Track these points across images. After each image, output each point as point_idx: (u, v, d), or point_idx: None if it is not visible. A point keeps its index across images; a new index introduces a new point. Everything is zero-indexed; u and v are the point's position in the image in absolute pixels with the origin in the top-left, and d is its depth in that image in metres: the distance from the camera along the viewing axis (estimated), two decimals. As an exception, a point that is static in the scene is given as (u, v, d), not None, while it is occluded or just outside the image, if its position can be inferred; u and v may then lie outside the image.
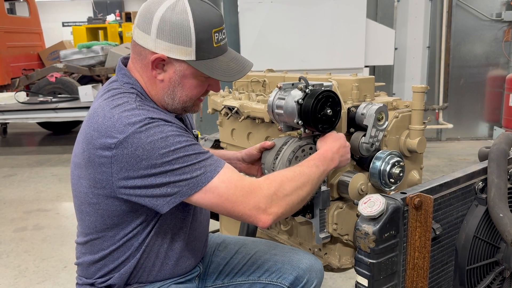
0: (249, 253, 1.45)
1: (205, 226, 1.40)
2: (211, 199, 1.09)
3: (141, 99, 1.17)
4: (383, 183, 1.40)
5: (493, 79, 6.04)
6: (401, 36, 5.83)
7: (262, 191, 1.10)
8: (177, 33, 1.10)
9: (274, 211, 1.10)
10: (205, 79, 1.18)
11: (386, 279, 1.08)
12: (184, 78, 1.16)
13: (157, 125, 1.08)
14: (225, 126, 1.94)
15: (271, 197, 1.10)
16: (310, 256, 1.44)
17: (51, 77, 6.89)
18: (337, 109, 1.30)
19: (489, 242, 1.30)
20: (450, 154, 5.49)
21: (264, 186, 1.11)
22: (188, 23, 1.09)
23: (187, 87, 1.18)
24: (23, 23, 7.99)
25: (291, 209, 1.15)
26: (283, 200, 1.11)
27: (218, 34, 1.13)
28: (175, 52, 1.12)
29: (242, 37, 4.88)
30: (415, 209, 1.07)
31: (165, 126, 1.09)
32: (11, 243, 3.35)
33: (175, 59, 1.13)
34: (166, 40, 1.11)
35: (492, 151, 1.29)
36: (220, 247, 1.49)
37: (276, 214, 1.11)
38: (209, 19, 1.12)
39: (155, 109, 1.17)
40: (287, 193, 1.12)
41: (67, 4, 17.49)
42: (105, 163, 1.09)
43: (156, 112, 1.15)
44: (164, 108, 1.22)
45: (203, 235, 1.39)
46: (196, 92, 1.20)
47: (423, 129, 1.50)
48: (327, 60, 4.81)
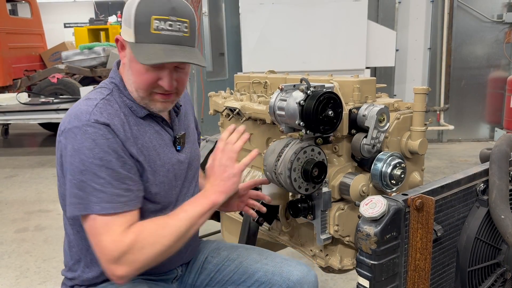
0: (241, 262, 1.43)
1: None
2: (85, 227, 1.14)
3: (119, 91, 1.23)
4: (384, 184, 1.40)
5: (494, 80, 6.03)
6: (402, 38, 5.83)
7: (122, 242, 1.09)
8: (125, 15, 1.17)
9: (125, 271, 1.10)
10: (151, 68, 1.17)
11: (388, 281, 1.08)
12: (131, 61, 1.19)
13: (93, 131, 1.11)
14: (226, 127, 1.94)
15: (120, 259, 1.09)
16: (302, 267, 1.41)
17: (53, 78, 6.90)
18: (339, 111, 1.30)
19: (490, 243, 1.30)
20: (451, 156, 5.49)
21: (128, 239, 1.10)
22: (132, 6, 1.14)
23: (134, 72, 1.20)
24: (25, 24, 8.01)
25: (148, 265, 1.14)
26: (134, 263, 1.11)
27: (159, 22, 1.12)
28: (125, 33, 1.18)
29: (243, 39, 4.88)
30: (416, 211, 1.07)
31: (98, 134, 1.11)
32: (13, 244, 3.36)
33: (125, 40, 1.19)
34: (123, 22, 1.20)
35: (494, 152, 1.29)
36: (213, 254, 1.48)
37: (126, 274, 1.11)
38: (152, 5, 1.13)
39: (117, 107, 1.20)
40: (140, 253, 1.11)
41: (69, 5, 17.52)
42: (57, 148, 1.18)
43: (112, 113, 1.17)
44: (136, 98, 1.24)
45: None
46: (142, 80, 1.19)
47: (425, 130, 1.50)
48: (329, 62, 4.81)
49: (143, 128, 1.24)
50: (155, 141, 1.26)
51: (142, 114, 1.24)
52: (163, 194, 1.27)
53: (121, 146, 1.15)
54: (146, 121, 1.26)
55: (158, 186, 1.25)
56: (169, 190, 1.30)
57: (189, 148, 1.39)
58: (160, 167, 1.26)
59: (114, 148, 1.13)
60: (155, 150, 1.25)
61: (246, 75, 2.00)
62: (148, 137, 1.25)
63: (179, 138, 1.34)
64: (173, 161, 1.30)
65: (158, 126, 1.29)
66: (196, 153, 1.45)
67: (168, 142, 1.30)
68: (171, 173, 1.29)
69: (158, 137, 1.28)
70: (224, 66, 5.71)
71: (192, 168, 1.40)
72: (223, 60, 5.71)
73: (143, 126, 1.25)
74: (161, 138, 1.29)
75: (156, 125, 1.29)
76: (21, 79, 7.40)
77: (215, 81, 5.57)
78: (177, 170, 1.32)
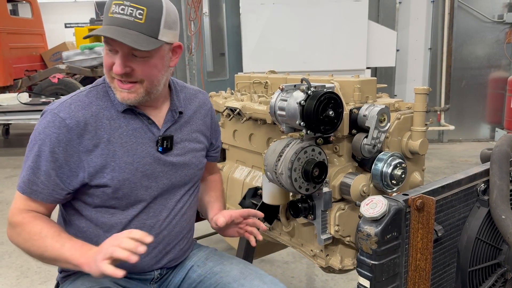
0: (222, 277, 1.39)
1: (164, 235, 1.36)
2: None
3: (108, 87, 1.28)
4: (385, 184, 1.40)
5: (495, 80, 6.03)
6: (403, 38, 5.83)
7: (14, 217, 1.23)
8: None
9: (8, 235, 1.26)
10: (110, 51, 1.20)
11: (388, 281, 1.08)
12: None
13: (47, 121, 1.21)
14: (227, 127, 1.94)
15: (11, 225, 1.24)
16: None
17: (54, 78, 6.91)
18: (339, 111, 1.30)
19: (491, 244, 1.30)
20: (452, 156, 5.49)
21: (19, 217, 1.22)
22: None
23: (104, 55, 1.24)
24: (25, 24, 8.02)
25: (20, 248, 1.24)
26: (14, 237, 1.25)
27: (116, 7, 1.16)
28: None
29: (244, 39, 4.88)
30: (417, 211, 1.07)
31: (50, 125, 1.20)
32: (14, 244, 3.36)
33: None
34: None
35: (494, 153, 1.29)
36: (200, 263, 1.46)
37: (8, 237, 1.25)
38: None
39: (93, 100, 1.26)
40: (18, 235, 1.23)
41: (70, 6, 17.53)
42: None
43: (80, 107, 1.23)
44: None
45: (159, 242, 1.35)
46: (104, 62, 1.23)
47: (425, 130, 1.50)
48: (329, 62, 4.81)
49: (117, 123, 1.26)
50: (127, 138, 1.26)
51: (121, 108, 1.26)
52: (126, 191, 1.27)
53: (66, 144, 1.20)
54: (126, 116, 1.27)
55: (121, 183, 1.25)
56: (137, 189, 1.28)
57: (183, 155, 1.37)
58: (125, 164, 1.25)
59: (55, 144, 1.19)
60: (123, 146, 1.25)
61: (247, 75, 2.00)
62: (120, 133, 1.25)
63: (163, 139, 1.31)
64: (148, 160, 1.29)
65: (139, 124, 1.29)
66: (193, 162, 1.41)
67: (146, 141, 1.29)
68: (140, 172, 1.27)
69: (134, 134, 1.27)
70: (225, 66, 5.71)
71: (183, 174, 1.38)
72: (224, 60, 5.72)
73: (119, 121, 1.26)
74: (140, 136, 1.28)
75: (136, 123, 1.28)
76: (22, 79, 7.41)
77: (215, 81, 5.58)
78: (150, 171, 1.29)
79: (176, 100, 1.37)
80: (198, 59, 5.26)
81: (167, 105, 1.36)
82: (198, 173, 1.45)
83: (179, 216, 1.39)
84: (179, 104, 1.38)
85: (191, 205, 1.45)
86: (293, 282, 2.66)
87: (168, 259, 1.40)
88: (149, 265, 1.36)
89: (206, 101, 1.51)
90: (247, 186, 1.80)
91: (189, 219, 1.45)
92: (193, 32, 5.06)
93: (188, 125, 1.41)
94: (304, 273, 2.76)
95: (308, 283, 2.65)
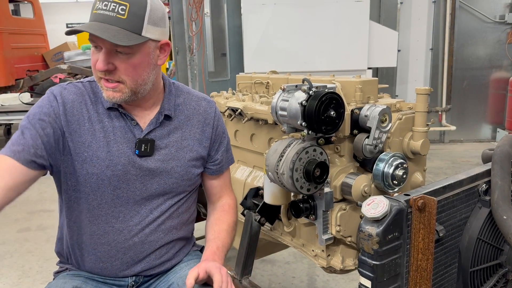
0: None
1: (135, 241, 1.31)
2: None
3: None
4: (386, 185, 1.40)
5: (497, 81, 6.03)
6: (404, 38, 5.82)
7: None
8: None
9: None
10: (94, 49, 1.21)
11: (390, 281, 1.08)
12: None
13: (46, 97, 1.27)
14: (228, 128, 1.94)
15: None
16: None
17: (55, 78, 6.92)
18: (341, 111, 1.30)
19: (492, 244, 1.30)
20: (453, 156, 5.48)
21: None
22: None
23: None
24: (27, 24, 8.03)
25: None
26: None
27: (100, 3, 1.17)
28: None
29: (245, 39, 4.88)
30: (418, 211, 1.07)
31: (43, 101, 1.26)
32: (15, 244, 3.37)
33: None
34: None
35: (496, 153, 1.29)
36: (180, 281, 1.35)
37: None
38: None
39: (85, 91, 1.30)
40: None
41: (71, 6, 17.56)
42: None
43: (74, 92, 1.28)
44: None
45: (129, 248, 1.32)
46: (92, 62, 1.23)
47: (427, 131, 1.50)
48: (330, 62, 4.81)
49: (100, 118, 1.27)
50: (106, 134, 1.26)
51: (107, 105, 1.28)
52: (94, 186, 1.26)
53: (54, 116, 1.23)
54: (111, 114, 1.28)
55: (89, 176, 1.25)
56: (104, 187, 1.26)
57: (165, 162, 1.31)
58: (97, 159, 1.25)
59: (44, 114, 1.22)
60: (100, 141, 1.25)
61: (248, 75, 2.01)
62: (100, 127, 1.26)
63: (141, 142, 1.28)
64: (121, 160, 1.26)
65: (123, 123, 1.28)
66: (177, 171, 1.34)
67: (125, 142, 1.27)
68: (110, 170, 1.25)
69: (113, 132, 1.27)
70: (226, 66, 5.72)
71: (161, 182, 1.32)
72: (225, 60, 5.72)
73: (103, 117, 1.27)
74: (120, 135, 1.27)
75: (120, 121, 1.28)
76: (23, 79, 7.42)
77: (217, 82, 5.58)
78: (122, 171, 1.26)
79: (167, 103, 1.33)
80: (200, 59, 5.26)
81: (158, 107, 1.33)
82: (182, 183, 1.36)
83: (155, 225, 1.33)
84: (169, 107, 1.33)
85: (171, 216, 1.36)
86: (294, 282, 2.66)
87: (142, 267, 1.35)
88: (120, 269, 1.33)
89: (210, 110, 1.43)
90: (248, 186, 1.80)
91: (168, 231, 1.36)
92: (195, 33, 5.06)
93: (178, 131, 1.35)
94: (305, 273, 2.76)
95: (309, 283, 2.65)
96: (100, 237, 1.31)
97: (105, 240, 1.31)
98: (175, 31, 5.55)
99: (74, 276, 1.34)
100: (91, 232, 1.31)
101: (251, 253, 1.83)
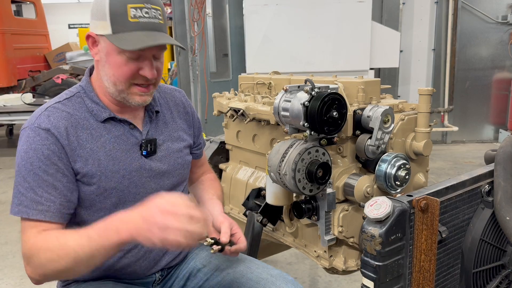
0: (228, 273, 1.37)
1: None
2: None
3: (84, 93, 1.25)
4: (389, 185, 1.39)
5: (499, 81, 6.01)
6: (407, 39, 5.82)
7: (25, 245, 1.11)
8: (97, 9, 1.17)
9: (32, 273, 1.10)
10: (130, 59, 1.17)
11: (392, 282, 1.08)
12: (108, 55, 1.18)
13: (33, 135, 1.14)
14: (230, 128, 1.94)
15: (27, 260, 1.10)
16: (288, 285, 1.29)
17: (57, 78, 6.94)
18: (343, 112, 1.30)
19: (495, 245, 1.30)
20: (455, 157, 5.47)
21: (30, 243, 1.10)
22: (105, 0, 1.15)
23: (112, 65, 1.18)
24: (29, 25, 8.05)
25: (54, 276, 1.12)
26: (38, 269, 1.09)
27: (136, 10, 1.14)
28: (98, 28, 1.17)
29: (247, 40, 4.89)
30: (421, 212, 1.07)
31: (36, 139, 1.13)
32: (17, 244, 3.37)
33: (99, 35, 1.17)
34: (93, 18, 1.18)
35: (499, 154, 1.29)
36: (205, 262, 1.43)
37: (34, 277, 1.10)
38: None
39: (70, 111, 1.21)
40: (40, 262, 1.07)
41: (73, 6, 17.58)
42: None
43: (59, 117, 1.18)
44: (109, 95, 1.24)
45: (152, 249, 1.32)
46: (122, 72, 1.18)
47: (429, 131, 1.50)
48: (332, 63, 4.81)
49: (98, 132, 1.22)
50: (111, 146, 1.23)
51: (102, 118, 1.23)
52: (114, 200, 1.24)
53: (58, 153, 1.14)
54: (106, 125, 1.24)
55: (108, 192, 1.22)
56: (124, 197, 1.25)
57: (168, 157, 1.35)
58: (111, 173, 1.22)
59: (48, 155, 1.13)
60: (107, 155, 1.22)
61: (250, 76, 2.00)
62: (102, 142, 1.22)
63: (145, 142, 1.29)
64: (134, 166, 1.26)
65: (121, 130, 1.26)
66: (176, 161, 1.38)
67: (131, 147, 1.27)
68: (127, 180, 1.25)
69: (118, 142, 1.24)
70: (228, 67, 5.72)
71: (170, 176, 1.35)
72: (227, 61, 5.72)
73: (100, 131, 1.23)
74: (123, 142, 1.25)
75: (118, 130, 1.26)
76: (25, 79, 7.44)
77: (219, 82, 5.58)
78: (137, 177, 1.27)
79: (152, 99, 1.33)
80: (202, 60, 5.27)
81: (143, 106, 1.33)
82: (184, 173, 1.42)
83: None
84: (155, 103, 1.35)
85: None
86: (296, 283, 2.65)
87: (167, 260, 1.38)
88: (148, 268, 1.35)
89: (184, 99, 1.49)
90: (250, 187, 1.80)
91: None
92: (197, 33, 5.06)
93: (168, 125, 1.39)
94: (307, 274, 2.76)
95: (311, 284, 2.65)
96: (130, 247, 1.30)
97: (132, 246, 1.30)
98: (177, 31, 5.56)
99: (101, 284, 1.29)
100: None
101: (253, 254, 1.83)
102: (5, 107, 5.92)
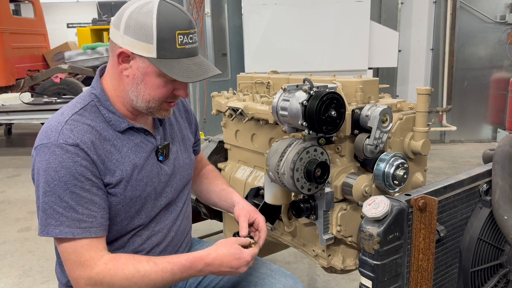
0: None
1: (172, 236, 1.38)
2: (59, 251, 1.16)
3: (99, 103, 1.22)
4: (387, 185, 1.40)
5: (497, 81, 6.03)
6: (405, 38, 5.82)
7: (92, 270, 1.10)
8: (140, 30, 1.14)
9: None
10: (169, 81, 1.19)
11: (390, 281, 1.08)
12: (146, 75, 1.18)
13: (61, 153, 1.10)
14: (229, 128, 1.94)
15: (94, 283, 1.10)
16: (287, 280, 1.38)
17: (56, 78, 6.93)
18: (342, 111, 1.30)
19: (493, 244, 1.30)
20: (454, 156, 5.48)
21: (99, 269, 1.10)
22: (152, 21, 1.13)
23: (150, 86, 1.19)
24: (28, 24, 8.04)
25: None
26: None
27: (183, 37, 1.15)
28: (138, 48, 1.15)
29: (246, 39, 4.89)
30: (419, 211, 1.07)
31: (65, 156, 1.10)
32: (16, 243, 3.37)
33: (138, 55, 1.16)
34: (131, 36, 1.15)
35: (497, 153, 1.29)
36: None
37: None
38: (174, 20, 1.15)
39: (90, 123, 1.18)
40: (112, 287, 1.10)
41: (72, 6, 17.56)
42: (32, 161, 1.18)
43: (82, 131, 1.15)
44: (130, 106, 1.24)
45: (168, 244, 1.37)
46: (159, 93, 1.20)
47: (428, 131, 1.50)
48: (331, 62, 4.81)
49: (120, 143, 1.22)
50: (134, 155, 1.24)
51: (121, 128, 1.23)
52: (138, 208, 1.26)
53: (90, 167, 1.13)
54: (124, 134, 1.24)
55: (133, 201, 1.24)
56: (147, 204, 1.28)
57: (178, 158, 1.39)
58: (136, 182, 1.23)
59: (81, 172, 1.11)
60: (132, 164, 1.23)
61: (249, 75, 2.00)
62: (126, 152, 1.22)
63: (162, 148, 1.31)
64: (154, 173, 1.28)
65: (139, 138, 1.27)
66: (185, 161, 1.42)
67: (149, 154, 1.28)
68: (149, 187, 1.27)
69: (138, 150, 1.26)
70: (227, 66, 5.72)
71: (181, 177, 1.39)
72: (226, 60, 5.72)
73: (120, 141, 1.23)
74: (142, 150, 1.27)
75: (136, 138, 1.27)
76: (24, 79, 7.43)
77: (217, 82, 5.58)
78: (157, 183, 1.29)
79: None
80: (200, 59, 5.26)
81: None
82: (192, 170, 1.49)
83: (183, 215, 1.42)
84: None
85: (187, 202, 1.48)
86: (295, 282, 2.66)
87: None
88: None
89: (182, 98, 1.51)
90: (249, 186, 1.80)
91: (189, 214, 1.50)
92: (195, 32, 5.06)
93: (174, 126, 1.42)
94: (305, 273, 2.76)
95: (309, 283, 2.65)
96: (149, 249, 1.32)
97: (156, 249, 1.34)
98: (175, 31, 5.54)
99: None
100: (139, 250, 1.31)
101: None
102: (3, 106, 5.91)
